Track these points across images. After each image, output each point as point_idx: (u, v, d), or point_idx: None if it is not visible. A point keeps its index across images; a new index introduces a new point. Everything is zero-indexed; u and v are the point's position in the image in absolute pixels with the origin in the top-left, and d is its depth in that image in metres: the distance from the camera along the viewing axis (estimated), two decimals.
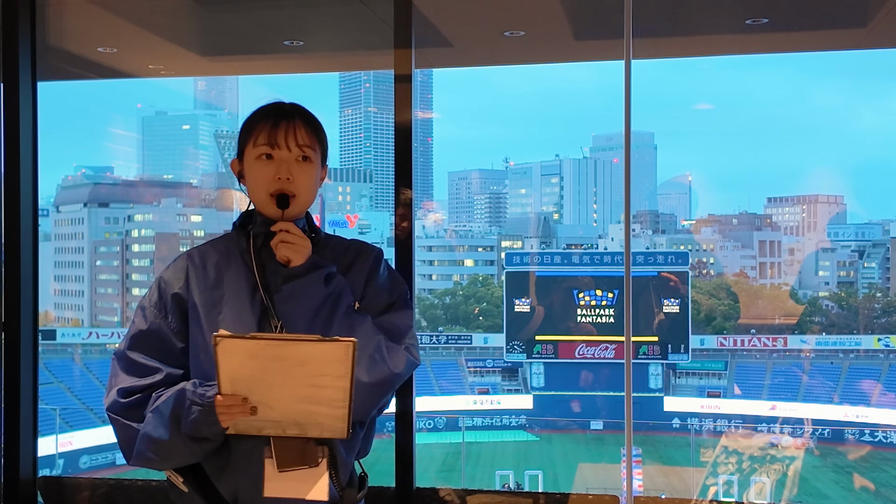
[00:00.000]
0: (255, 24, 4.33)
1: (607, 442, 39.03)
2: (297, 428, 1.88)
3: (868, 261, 60.60)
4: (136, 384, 1.98)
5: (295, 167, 2.05)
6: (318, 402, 1.83)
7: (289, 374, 1.80)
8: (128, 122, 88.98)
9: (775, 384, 44.05)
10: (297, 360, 1.78)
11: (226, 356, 1.78)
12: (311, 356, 1.78)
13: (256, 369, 1.80)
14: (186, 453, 1.93)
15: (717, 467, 31.30)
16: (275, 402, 1.84)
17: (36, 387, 3.53)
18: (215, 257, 2.08)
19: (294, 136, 2.04)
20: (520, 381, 46.49)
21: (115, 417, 1.98)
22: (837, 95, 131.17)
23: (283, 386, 1.82)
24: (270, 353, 1.78)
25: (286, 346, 1.78)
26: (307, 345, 1.77)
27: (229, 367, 1.80)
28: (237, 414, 1.85)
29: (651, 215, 70.37)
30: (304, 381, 1.81)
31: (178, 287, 2.05)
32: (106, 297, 60.27)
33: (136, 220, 61.07)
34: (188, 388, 1.91)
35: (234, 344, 1.77)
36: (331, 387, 1.81)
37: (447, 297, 57.48)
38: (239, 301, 2.02)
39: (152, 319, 2.03)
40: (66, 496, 3.54)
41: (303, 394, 1.83)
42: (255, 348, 1.77)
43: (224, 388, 1.83)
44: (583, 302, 44.82)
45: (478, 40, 4.30)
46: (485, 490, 3.33)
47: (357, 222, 63.86)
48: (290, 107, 2.09)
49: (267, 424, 1.88)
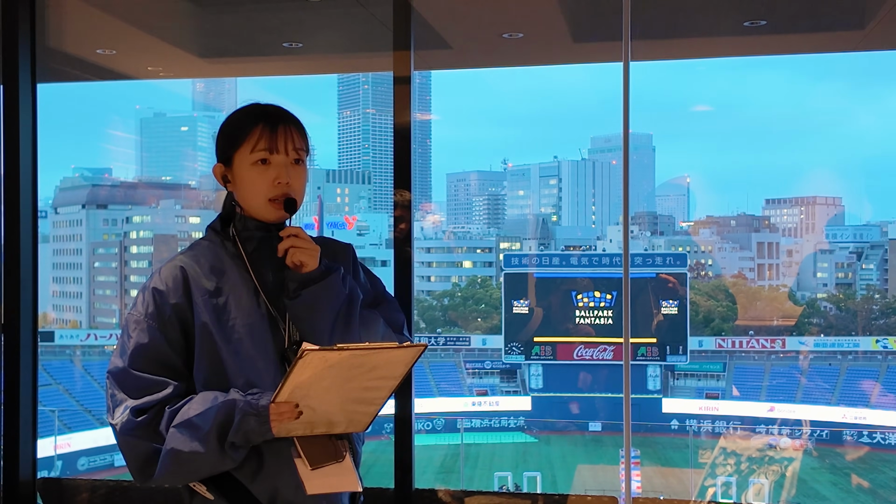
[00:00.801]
0: (253, 26, 4.34)
1: (605, 443, 39.05)
2: (326, 426, 1.91)
3: (866, 262, 60.67)
4: (149, 401, 1.92)
5: (291, 171, 2.04)
6: (364, 402, 1.89)
7: (354, 379, 1.83)
8: (126, 123, 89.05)
9: (773, 386, 44.08)
10: (370, 366, 1.82)
11: (304, 368, 1.77)
12: (388, 361, 1.83)
13: (327, 378, 1.81)
14: (220, 464, 1.90)
15: (715, 468, 31.32)
16: (323, 404, 1.86)
17: (35, 388, 3.53)
18: (208, 265, 2.04)
19: (292, 140, 2.04)
20: (518, 383, 46.49)
21: (131, 439, 1.92)
22: (835, 97, 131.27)
23: (341, 390, 1.84)
24: (350, 363, 1.80)
25: (370, 355, 1.81)
26: (384, 352, 1.83)
27: (300, 378, 1.79)
28: (286, 419, 1.85)
29: (649, 217, 70.43)
30: (363, 384, 1.85)
31: (176, 298, 1.98)
32: (104, 298, 60.27)
33: (134, 221, 61.07)
34: (238, 398, 1.89)
35: (319, 356, 1.76)
36: (384, 387, 1.88)
37: (446, 299, 57.49)
38: (246, 307, 2.00)
39: (152, 333, 1.96)
40: (65, 497, 3.55)
41: (355, 396, 1.87)
42: (338, 359, 1.77)
43: (282, 396, 1.82)
44: (581, 303, 44.85)
45: (476, 42, 4.31)
46: (483, 491, 3.34)
47: (355, 224, 63.87)
48: (279, 110, 2.07)
49: (299, 426, 1.89)
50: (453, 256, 62.17)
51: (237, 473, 1.96)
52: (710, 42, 4.49)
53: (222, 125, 2.11)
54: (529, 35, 4.07)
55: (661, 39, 4.32)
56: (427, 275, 60.30)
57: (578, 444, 40.12)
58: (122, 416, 1.92)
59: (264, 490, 1.97)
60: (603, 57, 4.80)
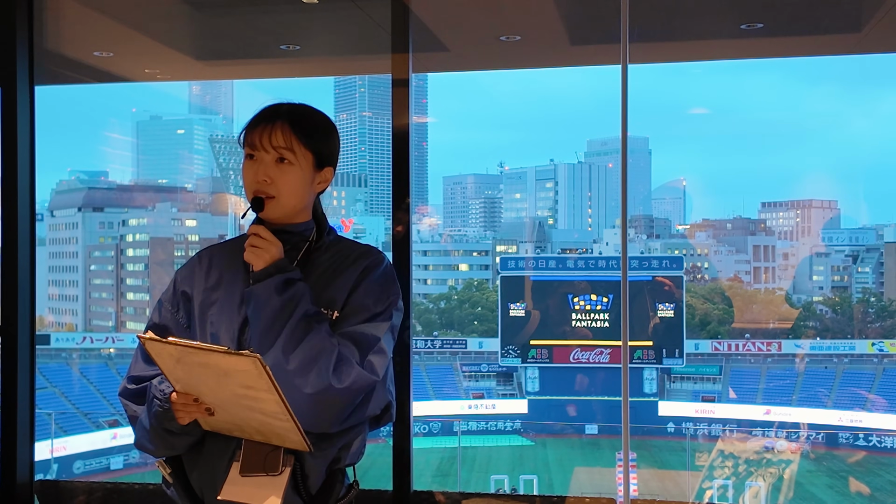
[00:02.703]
0: (251, 28, 4.33)
1: (602, 446, 39.03)
2: (260, 435, 1.89)
3: (862, 265, 60.69)
4: (145, 373, 2.04)
5: (273, 169, 2.03)
6: (263, 413, 1.81)
7: (220, 383, 1.79)
8: (122, 126, 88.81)
9: (770, 388, 44.09)
10: (220, 370, 1.76)
11: (157, 357, 1.82)
12: (228, 367, 1.75)
13: (188, 373, 1.82)
14: (165, 444, 1.98)
15: (713, 470, 31.31)
16: (224, 406, 1.86)
17: (33, 390, 3.53)
18: (222, 258, 2.11)
19: (270, 138, 2.02)
20: (515, 386, 46.46)
21: (124, 402, 2.08)
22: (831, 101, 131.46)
23: (221, 392, 1.83)
24: (192, 360, 1.78)
25: (199, 353, 1.76)
26: (215, 355, 1.74)
27: (165, 368, 1.84)
28: (194, 413, 1.89)
29: (646, 220, 70.40)
30: (235, 390, 1.79)
31: (185, 285, 2.10)
32: (100, 301, 60.12)
33: (130, 224, 60.94)
34: (154, 383, 1.96)
35: (158, 346, 1.80)
36: (265, 399, 1.77)
37: (442, 302, 57.44)
38: (229, 303, 2.04)
39: (164, 314, 2.11)
40: (62, 500, 3.54)
41: (243, 403, 1.81)
42: (176, 353, 1.78)
43: (175, 387, 1.89)
44: (577, 306, 44.84)
45: (474, 45, 4.31)
46: (481, 493, 3.34)
47: (352, 227, 63.83)
48: (280, 108, 2.07)
49: (232, 427, 1.90)
50: (449, 259, 62.13)
51: (185, 461, 2.04)
52: (707, 45, 4.50)
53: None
54: (527, 38, 4.08)
55: (658, 42, 4.33)
56: (423, 278, 60.24)
57: (575, 447, 40.10)
58: (123, 381, 2.08)
59: (196, 482, 2.03)
60: (600, 60, 4.81)
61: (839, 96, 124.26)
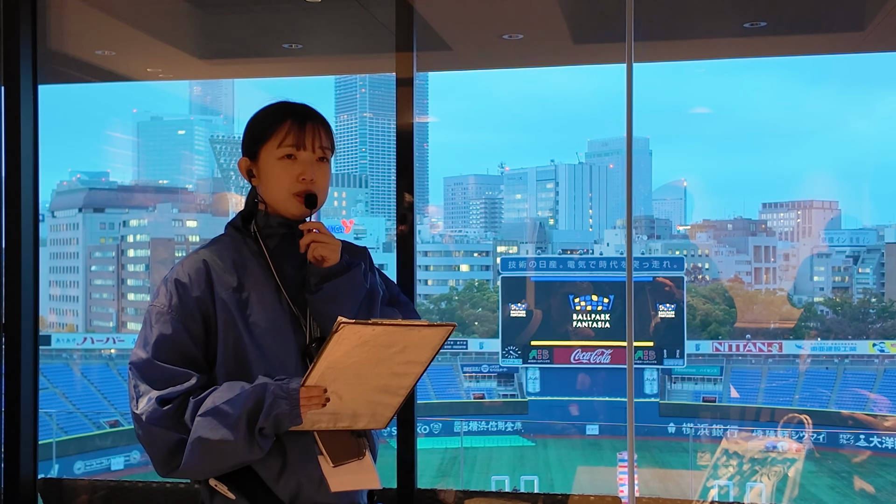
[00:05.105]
0: (253, 27, 4.34)
1: (603, 447, 39.00)
2: (350, 420, 1.93)
3: (863, 266, 60.70)
4: (173, 391, 1.92)
5: (316, 168, 2.06)
6: (388, 392, 1.93)
7: (382, 362, 1.86)
8: (123, 126, 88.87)
9: (771, 389, 44.08)
10: (400, 346, 1.85)
11: (338, 344, 1.78)
12: (415, 341, 1.86)
13: (358, 357, 1.83)
14: (248, 453, 1.89)
15: (717, 469, 31.30)
16: (350, 391, 1.89)
17: (36, 388, 3.53)
18: (230, 260, 2.05)
19: (319, 138, 2.06)
20: (515, 387, 46.46)
21: (156, 429, 1.92)
22: (831, 101, 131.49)
23: (369, 375, 1.87)
24: (382, 340, 1.82)
25: (403, 332, 1.84)
26: (420, 330, 1.85)
27: (333, 356, 1.80)
28: (314, 406, 1.86)
29: (646, 220, 70.37)
30: (391, 368, 1.88)
31: (199, 291, 1.98)
32: (101, 302, 60.13)
33: (131, 225, 60.97)
34: (269, 383, 1.88)
35: (353, 330, 1.77)
36: (410, 374, 1.91)
37: (443, 303, 57.45)
38: (268, 303, 2.01)
39: (175, 325, 1.96)
40: (65, 497, 3.54)
41: (382, 383, 1.90)
42: (371, 335, 1.80)
43: (311, 380, 1.84)
44: (578, 307, 44.84)
45: (476, 43, 4.31)
46: (485, 492, 3.34)
47: (352, 227, 63.82)
48: (308, 108, 2.10)
49: (324, 417, 1.90)
50: (450, 260, 62.13)
51: (260, 471, 1.96)
52: (710, 43, 4.49)
53: (251, 120, 2.13)
54: (529, 36, 4.08)
55: (662, 41, 4.33)
56: (424, 278, 60.23)
57: (576, 448, 40.07)
58: (148, 406, 1.91)
59: (287, 487, 1.97)
60: (602, 58, 4.82)
61: (840, 97, 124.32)
